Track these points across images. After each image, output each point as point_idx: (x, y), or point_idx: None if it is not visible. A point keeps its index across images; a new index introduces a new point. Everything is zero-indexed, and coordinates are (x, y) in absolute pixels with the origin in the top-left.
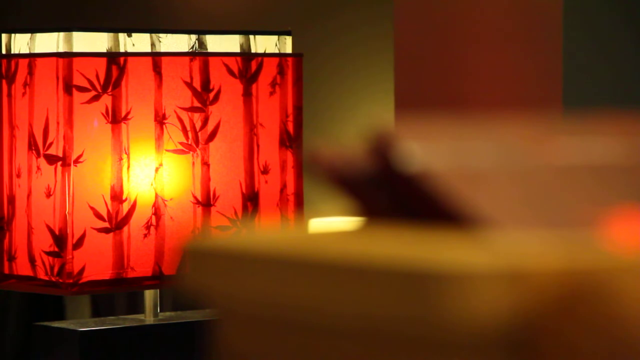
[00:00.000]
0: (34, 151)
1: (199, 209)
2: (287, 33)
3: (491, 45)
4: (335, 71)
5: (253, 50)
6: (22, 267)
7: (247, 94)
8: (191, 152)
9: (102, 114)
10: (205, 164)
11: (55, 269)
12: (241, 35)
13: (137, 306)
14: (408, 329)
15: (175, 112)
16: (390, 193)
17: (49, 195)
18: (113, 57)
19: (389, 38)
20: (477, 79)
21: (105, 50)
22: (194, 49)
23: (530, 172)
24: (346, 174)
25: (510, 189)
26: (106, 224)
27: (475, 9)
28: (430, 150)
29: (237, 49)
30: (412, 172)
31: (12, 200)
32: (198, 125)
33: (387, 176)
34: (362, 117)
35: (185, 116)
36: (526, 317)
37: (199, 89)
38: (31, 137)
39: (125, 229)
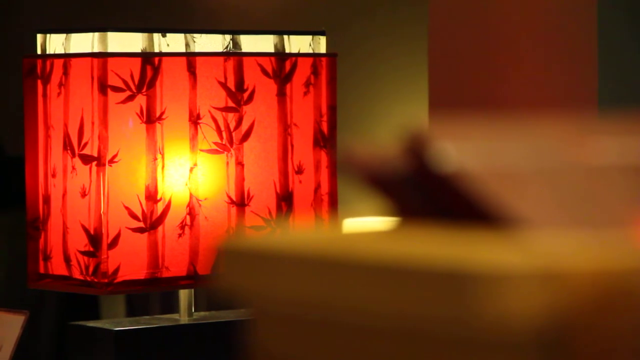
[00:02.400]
0: (69, 151)
1: (233, 209)
2: (322, 33)
3: (526, 44)
4: (369, 71)
5: (287, 50)
6: (57, 267)
7: (281, 94)
8: (225, 152)
9: (137, 114)
10: (240, 163)
11: (90, 269)
12: (275, 35)
13: (171, 306)
14: (442, 329)
15: (209, 112)
16: (425, 193)
17: (84, 195)
18: (148, 57)
19: (423, 38)
20: (512, 79)
21: (139, 51)
22: (229, 49)
23: (565, 172)
24: (380, 173)
25: (544, 189)
26: (141, 224)
27: (509, 9)
28: (464, 150)
29: (272, 49)
30: (446, 172)
31: (47, 200)
32: (232, 125)
33: (422, 176)
34: (396, 117)
35: (219, 116)
36: (561, 317)
37: (233, 89)
38: (66, 137)
39: (160, 228)
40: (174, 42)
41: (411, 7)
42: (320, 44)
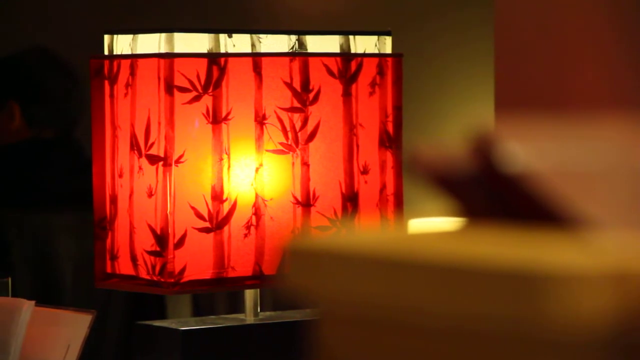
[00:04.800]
0: (135, 151)
1: (299, 209)
2: (387, 33)
3: (593, 44)
4: (435, 71)
5: (353, 51)
6: (124, 267)
7: (346, 94)
8: (291, 153)
9: (203, 114)
10: (305, 164)
11: (157, 269)
12: (341, 36)
13: (237, 306)
14: (510, 329)
15: (275, 112)
16: (491, 193)
17: (150, 195)
18: (214, 58)
19: (489, 39)
20: (578, 79)
21: (206, 51)
22: (294, 49)
23: (634, 172)
24: (447, 174)
25: (612, 189)
26: (207, 224)
27: (575, 9)
28: (531, 150)
29: (337, 49)
30: (513, 172)
31: (114, 200)
32: (298, 125)
33: (489, 176)
34: (463, 117)
35: (285, 116)
36: (630, 318)
37: (298, 89)
38: (133, 137)
39: (226, 228)
40: (240, 43)
41: (477, 8)
42: (386, 44)
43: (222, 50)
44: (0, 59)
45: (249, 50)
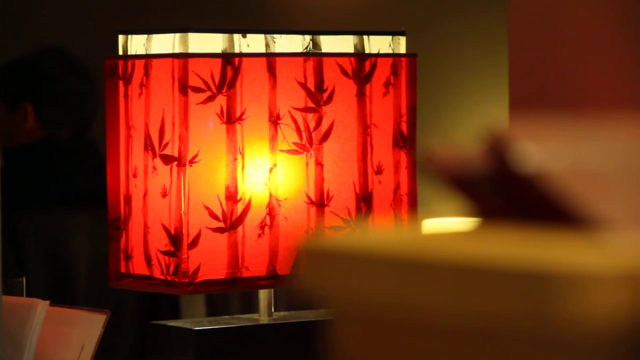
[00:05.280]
0: (149, 151)
1: (313, 209)
2: (401, 33)
3: (608, 44)
4: (449, 71)
5: (367, 51)
6: (138, 266)
7: (360, 94)
8: (305, 153)
9: (217, 114)
10: (319, 164)
11: (171, 268)
12: (355, 36)
13: (251, 306)
14: (525, 329)
15: (289, 112)
16: (506, 193)
17: (164, 195)
18: (228, 58)
19: (503, 39)
20: (593, 78)
21: (220, 51)
22: (308, 49)
23: None
24: (461, 174)
25: (627, 189)
26: (221, 224)
27: (591, 10)
28: (546, 150)
29: (351, 49)
30: (528, 173)
31: (128, 200)
32: (312, 125)
33: (503, 176)
34: (477, 118)
35: (299, 116)
36: None
37: (312, 89)
38: (147, 137)
39: (240, 228)
40: (254, 43)
41: (491, 8)
42: (400, 45)
43: (237, 50)
44: (14, 60)
45: (263, 50)
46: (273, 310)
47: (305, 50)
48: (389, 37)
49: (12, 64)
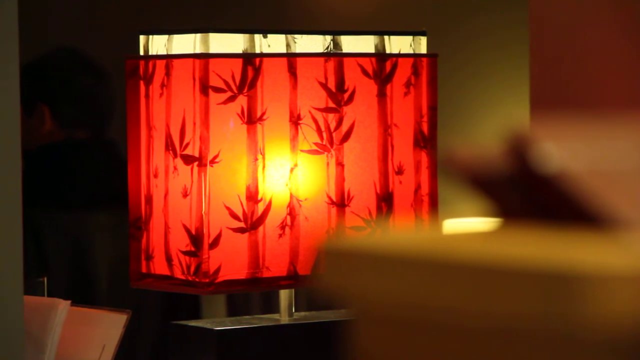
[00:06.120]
0: (170, 151)
1: (334, 210)
2: (422, 34)
3: (627, 44)
4: (470, 72)
5: (388, 51)
6: (159, 266)
7: (381, 95)
8: (326, 153)
9: (238, 114)
10: (340, 164)
11: (192, 269)
12: (376, 36)
13: (272, 306)
14: (546, 329)
15: (310, 112)
16: (527, 193)
17: (185, 195)
18: (249, 58)
19: (524, 40)
20: (614, 79)
21: (241, 51)
22: (329, 49)
23: None
24: (482, 174)
25: None
26: (242, 224)
27: (611, 11)
28: (567, 150)
29: (372, 50)
30: (549, 173)
31: (149, 200)
32: (332, 125)
33: (524, 177)
34: (498, 118)
35: (319, 117)
36: None
37: (333, 89)
38: (168, 137)
39: (261, 229)
40: (274, 43)
41: (512, 9)
42: (421, 45)
43: (257, 51)
44: (30, 62)
45: (283, 50)
46: (294, 310)
47: (326, 51)
48: (410, 38)
49: (27, 67)
